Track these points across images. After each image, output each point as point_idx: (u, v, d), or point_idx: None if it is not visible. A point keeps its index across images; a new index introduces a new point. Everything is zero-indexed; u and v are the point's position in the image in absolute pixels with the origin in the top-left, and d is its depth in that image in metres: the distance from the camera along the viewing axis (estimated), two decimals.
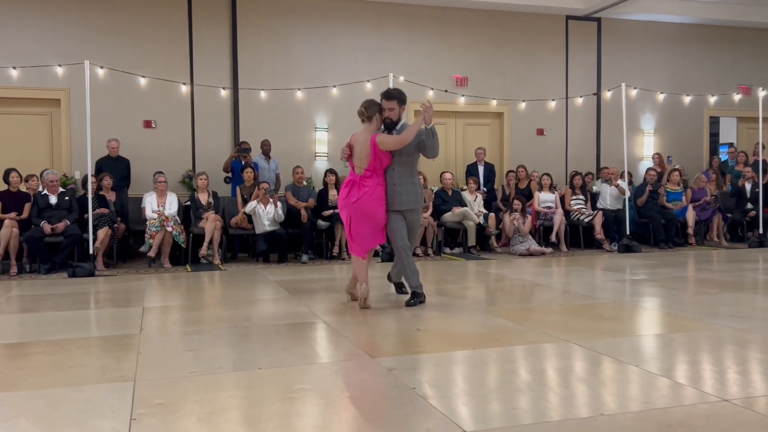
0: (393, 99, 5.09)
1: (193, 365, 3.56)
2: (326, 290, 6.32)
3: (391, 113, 5.07)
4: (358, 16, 10.79)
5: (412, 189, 5.12)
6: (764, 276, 7.12)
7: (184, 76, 10.02)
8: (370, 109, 5.16)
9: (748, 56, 12.75)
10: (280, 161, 9.96)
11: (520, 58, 11.48)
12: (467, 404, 2.88)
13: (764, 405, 2.80)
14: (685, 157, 12.28)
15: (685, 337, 4.10)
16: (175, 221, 8.36)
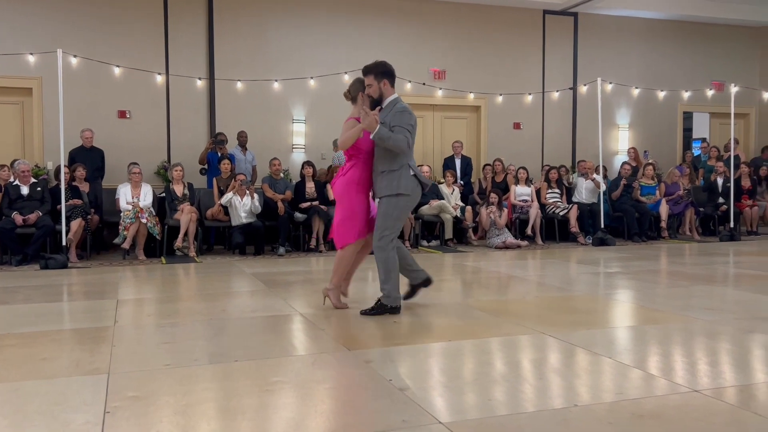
0: (369, 73, 4.59)
1: (168, 358, 3.53)
2: (303, 283, 6.30)
3: (370, 89, 4.59)
4: (337, 8, 10.74)
5: (389, 176, 4.49)
6: (735, 269, 7.26)
7: (159, 65, 9.90)
8: (352, 87, 4.78)
9: (721, 52, 12.95)
10: (256, 153, 9.90)
11: (498, 52, 11.53)
12: (443, 396, 2.90)
13: (733, 395, 2.86)
14: (659, 151, 12.45)
15: (657, 329, 4.17)
16: (150, 213, 8.27)
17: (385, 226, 4.51)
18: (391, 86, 4.59)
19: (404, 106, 4.53)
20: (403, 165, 4.50)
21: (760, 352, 3.62)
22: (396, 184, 4.48)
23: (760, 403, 2.79)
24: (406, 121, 4.42)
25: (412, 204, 4.69)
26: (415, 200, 4.65)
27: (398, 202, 4.51)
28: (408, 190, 4.49)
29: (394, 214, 4.51)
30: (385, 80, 4.56)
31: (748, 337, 3.90)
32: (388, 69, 4.60)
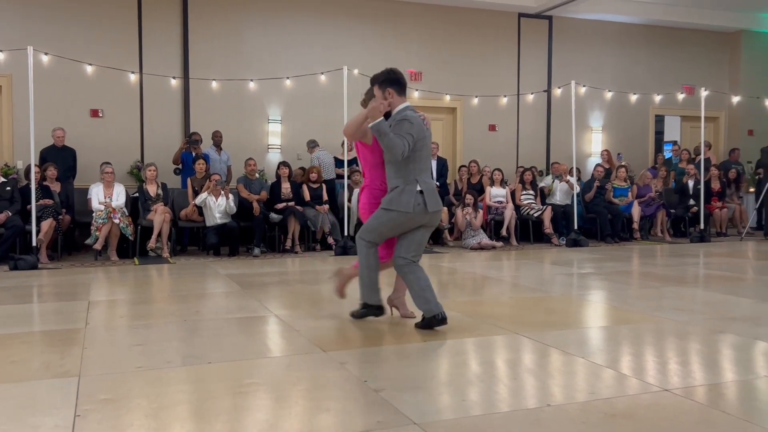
0: (373, 83, 4.25)
1: (141, 360, 3.49)
2: (278, 284, 6.27)
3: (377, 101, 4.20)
4: (313, 9, 10.72)
5: (395, 192, 4.09)
6: (705, 270, 7.38)
7: (132, 64, 9.78)
8: (367, 95, 4.42)
9: (692, 57, 13.17)
10: (231, 153, 9.83)
11: (473, 54, 11.59)
12: (418, 396, 2.90)
13: (703, 394, 2.91)
14: (631, 154, 12.62)
15: (629, 329, 4.22)
16: (123, 213, 8.17)
17: (365, 229, 4.22)
18: (398, 95, 4.15)
19: (407, 114, 4.08)
20: (410, 182, 4.06)
21: (729, 352, 3.69)
22: (396, 200, 4.05)
23: (728, 401, 2.84)
24: (405, 130, 4.00)
25: (407, 222, 4.10)
26: (412, 219, 4.08)
27: (385, 215, 4.10)
28: (405, 206, 4.02)
29: (373, 224, 4.15)
30: (390, 89, 4.14)
31: (718, 338, 3.97)
32: (392, 77, 4.19)
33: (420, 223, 4.13)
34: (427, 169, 4.19)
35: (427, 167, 4.19)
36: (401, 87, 4.19)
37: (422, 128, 4.10)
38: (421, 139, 4.08)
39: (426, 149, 4.16)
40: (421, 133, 4.09)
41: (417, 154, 4.07)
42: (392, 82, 4.17)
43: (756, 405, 2.81)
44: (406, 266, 4.16)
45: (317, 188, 9.35)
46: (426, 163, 4.18)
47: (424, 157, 4.13)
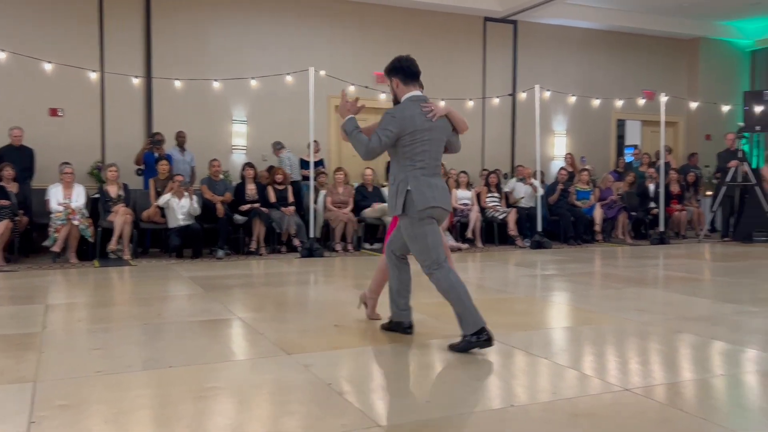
0: (385, 74, 4.00)
1: (100, 364, 3.41)
2: (242, 286, 6.20)
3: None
4: (279, 9, 10.65)
5: (391, 191, 3.88)
6: (664, 271, 7.53)
7: (93, 62, 9.58)
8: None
9: (652, 63, 13.45)
10: (195, 154, 9.70)
11: (439, 57, 11.65)
12: (383, 399, 2.90)
13: (662, 393, 2.96)
14: (594, 157, 12.82)
15: (591, 329, 4.28)
16: (83, 214, 7.99)
17: (391, 239, 3.99)
18: (404, 84, 3.84)
19: (398, 106, 3.82)
20: (402, 179, 3.76)
21: (687, 352, 3.76)
22: (396, 203, 3.78)
23: (686, 400, 2.89)
24: (382, 124, 3.74)
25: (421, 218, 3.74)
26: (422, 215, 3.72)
27: (404, 222, 3.81)
28: (399, 209, 3.76)
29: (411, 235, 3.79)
30: (395, 78, 3.87)
31: (677, 337, 4.06)
32: (396, 65, 3.89)
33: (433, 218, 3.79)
34: (427, 165, 3.76)
35: (429, 164, 3.77)
36: (407, 75, 3.86)
37: (411, 121, 3.71)
38: (411, 133, 3.71)
39: (426, 143, 3.74)
40: (409, 126, 3.71)
41: (408, 149, 3.72)
42: (396, 71, 3.88)
43: (712, 403, 2.87)
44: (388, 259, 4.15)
45: (283, 189, 9.29)
46: (426, 158, 3.75)
47: (419, 152, 3.73)
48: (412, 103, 3.79)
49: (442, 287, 3.75)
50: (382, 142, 3.72)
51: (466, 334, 3.60)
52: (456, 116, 3.92)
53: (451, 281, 3.74)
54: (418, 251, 3.80)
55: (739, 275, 6.90)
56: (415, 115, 3.74)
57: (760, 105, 10.88)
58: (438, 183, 3.81)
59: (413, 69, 3.90)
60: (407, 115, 3.74)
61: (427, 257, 3.78)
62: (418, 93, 3.86)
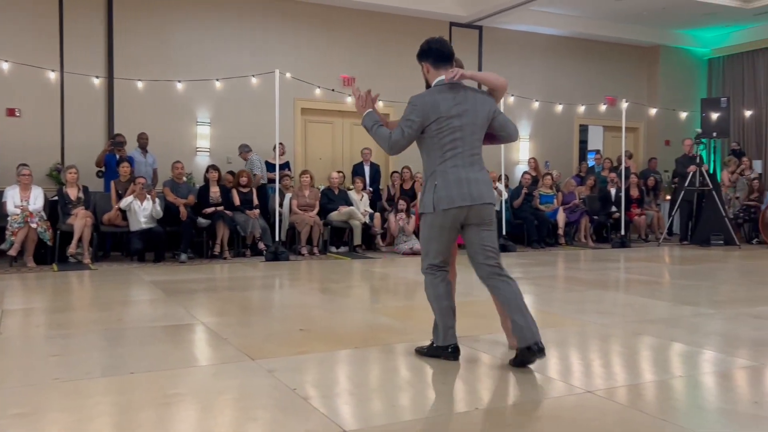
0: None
1: (58, 371, 3.33)
2: (206, 291, 6.12)
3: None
4: (243, 10, 10.56)
5: (424, 188, 3.54)
6: (625, 274, 7.67)
7: (53, 62, 9.38)
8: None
9: (614, 70, 13.70)
10: (158, 156, 9.55)
11: (406, 61, 11.64)
12: (348, 403, 2.89)
13: (624, 395, 3.01)
14: (557, 162, 13.00)
15: (555, 332, 4.33)
16: (41, 217, 7.81)
17: (422, 252, 3.61)
18: (435, 68, 3.50)
19: (420, 94, 3.50)
20: (431, 174, 3.45)
21: (648, 353, 3.84)
22: (421, 200, 3.53)
23: (647, 401, 2.95)
24: (405, 114, 3.43)
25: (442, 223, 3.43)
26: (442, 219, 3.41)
27: (425, 220, 3.51)
28: (427, 206, 3.44)
29: (424, 238, 3.55)
30: (425, 63, 3.54)
31: (637, 339, 4.13)
32: (425, 47, 3.55)
33: (458, 222, 3.43)
34: (459, 156, 3.38)
35: (461, 154, 3.39)
36: (438, 58, 3.50)
37: (434, 108, 3.36)
38: (437, 121, 3.36)
39: (456, 131, 3.37)
40: (432, 113, 3.36)
41: (436, 140, 3.38)
42: (426, 54, 3.53)
43: (672, 404, 2.93)
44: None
45: (247, 192, 9.21)
46: (459, 148, 3.38)
47: (448, 141, 3.37)
48: (437, 88, 3.44)
49: (428, 293, 3.60)
50: (405, 134, 3.39)
51: (435, 343, 3.55)
52: (484, 77, 3.54)
53: (438, 293, 3.54)
54: (422, 246, 3.58)
55: (696, 278, 7.06)
56: (440, 100, 3.37)
57: (716, 112, 11.17)
58: (472, 176, 3.39)
59: (444, 50, 3.51)
60: (429, 101, 3.39)
61: (427, 257, 3.55)
62: (439, 78, 3.50)
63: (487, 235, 3.49)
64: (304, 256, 8.95)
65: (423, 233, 3.56)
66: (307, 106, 11.05)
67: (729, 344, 4.01)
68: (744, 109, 13.57)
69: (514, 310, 3.44)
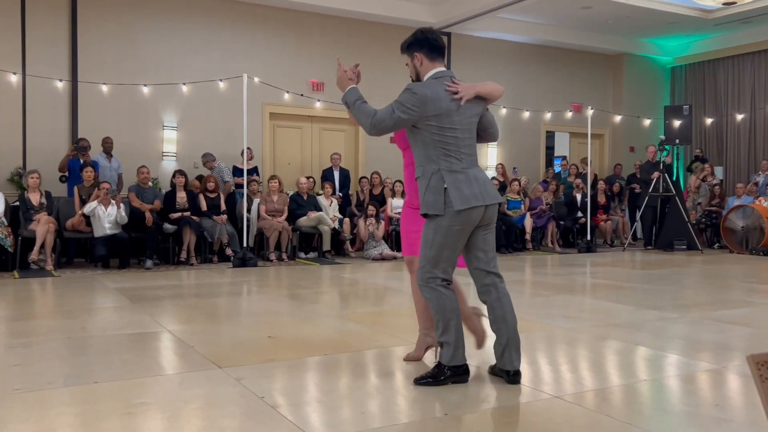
0: (402, 52, 3.46)
1: (19, 381, 3.25)
2: (172, 297, 6.03)
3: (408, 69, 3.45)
4: (211, 14, 10.47)
5: (421, 187, 3.24)
6: (591, 279, 7.78)
7: (14, 64, 9.17)
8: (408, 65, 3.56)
9: (580, 77, 13.92)
10: (123, 160, 9.40)
11: (376, 67, 11.69)
12: (317, 411, 2.87)
13: (591, 399, 3.05)
14: (524, 168, 13.13)
15: (523, 337, 4.34)
16: (1, 223, 7.62)
17: (423, 258, 3.23)
18: (429, 60, 3.30)
19: (423, 83, 3.27)
20: (431, 171, 3.18)
21: (614, 357, 3.89)
22: (422, 200, 3.21)
23: (613, 405, 2.98)
24: (401, 99, 3.18)
25: (453, 226, 3.15)
26: (456, 221, 3.14)
27: (434, 224, 3.18)
28: (435, 208, 3.14)
29: (430, 243, 3.18)
30: (418, 53, 3.32)
31: (603, 343, 4.19)
32: (421, 36, 3.34)
33: (474, 224, 3.21)
34: (461, 153, 3.19)
35: (465, 152, 3.21)
36: (433, 50, 3.31)
37: (435, 102, 3.15)
38: (437, 117, 3.15)
39: (458, 129, 3.19)
40: (433, 108, 3.15)
41: (439, 137, 3.16)
42: (421, 44, 3.32)
43: (638, 408, 2.97)
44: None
45: (215, 198, 9.11)
46: (462, 147, 3.20)
47: (451, 139, 3.17)
48: (436, 81, 3.23)
49: (435, 306, 3.24)
50: (395, 116, 3.14)
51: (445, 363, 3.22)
52: (486, 89, 3.29)
53: (452, 306, 3.26)
54: (427, 256, 3.20)
55: (660, 282, 7.20)
56: (441, 95, 3.17)
57: (679, 119, 11.42)
58: (480, 175, 3.24)
59: (440, 42, 3.33)
60: (431, 93, 3.16)
61: (435, 267, 3.20)
62: (443, 69, 3.30)
63: (491, 237, 3.33)
64: (272, 262, 8.88)
65: (430, 238, 3.17)
66: (275, 110, 10.99)
67: (692, 348, 4.09)
68: (705, 117, 13.90)
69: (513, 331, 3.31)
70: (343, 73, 3.40)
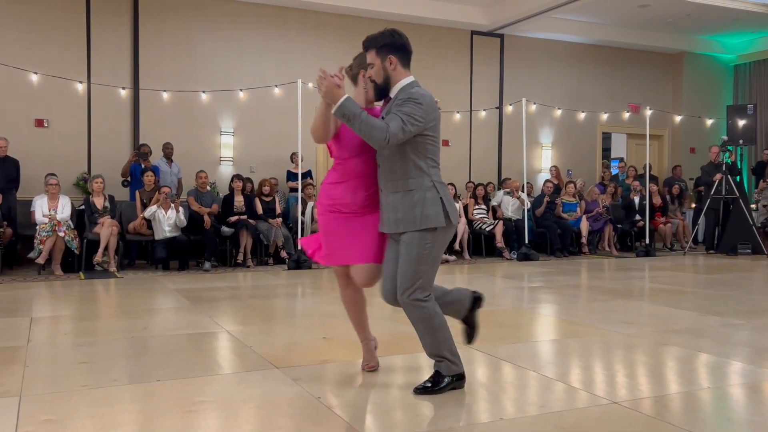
0: (369, 48, 3.19)
1: (86, 378, 3.38)
2: (230, 299, 6.17)
3: (371, 70, 3.18)
4: (267, 21, 10.67)
5: (402, 199, 3.05)
6: (650, 284, 7.58)
7: (80, 73, 9.55)
8: (354, 63, 3.36)
9: (637, 77, 13.60)
10: (182, 165, 9.67)
11: (428, 70, 11.69)
12: (372, 412, 2.89)
13: (649, 406, 2.98)
14: (579, 170, 12.91)
15: (578, 342, 4.30)
16: (68, 226, 7.94)
17: (416, 274, 3.05)
18: (402, 66, 3.12)
19: (415, 92, 3.04)
20: (424, 183, 3.04)
21: (674, 364, 3.79)
22: (420, 214, 3.02)
23: (673, 413, 2.91)
24: (407, 110, 2.95)
25: (448, 239, 3.18)
26: (450, 234, 3.15)
27: (433, 237, 3.05)
28: (438, 221, 3.03)
29: (426, 257, 3.05)
30: (392, 56, 3.10)
31: (663, 350, 4.08)
32: (397, 41, 3.14)
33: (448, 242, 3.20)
34: (437, 165, 3.14)
35: (439, 164, 3.16)
36: (406, 56, 3.16)
37: (435, 110, 3.04)
38: (433, 128, 3.05)
39: (440, 140, 3.14)
40: (433, 119, 3.04)
41: (431, 147, 3.06)
42: (397, 48, 3.12)
43: (699, 416, 2.89)
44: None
45: (270, 201, 9.28)
46: (437, 156, 3.13)
47: (437, 150, 3.10)
48: (422, 89, 3.09)
49: (428, 323, 3.12)
50: (407, 129, 2.93)
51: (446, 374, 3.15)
52: None
53: (443, 321, 3.17)
54: (422, 271, 3.06)
55: (723, 288, 6.96)
56: (433, 102, 3.07)
57: (742, 119, 11.03)
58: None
59: (411, 49, 3.19)
60: (431, 101, 3.04)
61: (426, 283, 3.11)
62: (414, 79, 3.15)
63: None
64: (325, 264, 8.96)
65: (427, 253, 3.04)
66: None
67: (758, 355, 3.94)
68: None
69: None
70: (332, 77, 2.98)
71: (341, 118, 2.94)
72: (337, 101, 2.91)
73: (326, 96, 2.95)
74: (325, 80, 2.95)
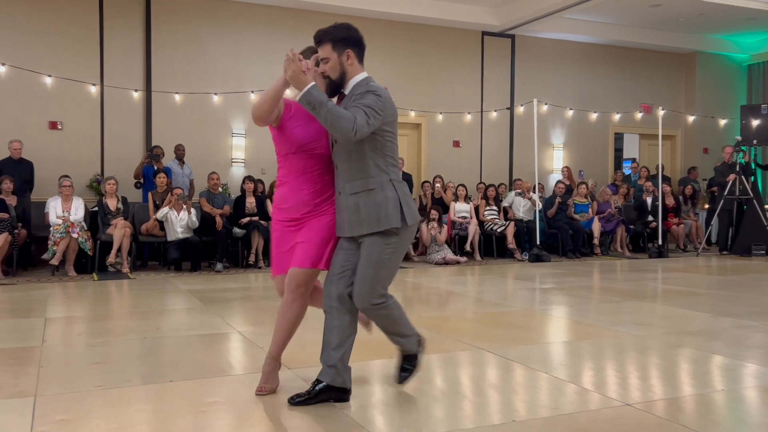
0: (323, 41, 3.00)
1: (99, 379, 3.41)
2: (241, 300, 6.20)
3: (325, 65, 2.98)
4: (276, 23, 10.70)
5: (364, 200, 2.92)
6: (663, 285, 7.54)
7: (93, 76, 9.62)
8: (303, 56, 3.06)
9: (650, 77, 13.52)
10: (194, 167, 9.72)
11: (439, 71, 11.71)
12: (384, 413, 2.89)
13: (662, 408, 2.96)
14: (591, 170, 12.86)
15: (590, 343, 4.28)
16: (81, 227, 8.00)
17: (375, 280, 2.95)
18: (359, 61, 3.02)
19: (377, 85, 2.96)
20: (384, 182, 2.93)
21: (687, 366, 3.76)
22: (384, 214, 2.91)
23: (687, 415, 2.89)
24: (368, 102, 2.83)
25: (409, 242, 3.11)
26: (411, 236, 3.08)
27: (395, 239, 2.95)
28: (395, 221, 2.92)
29: (387, 262, 2.96)
30: (351, 51, 2.97)
31: (676, 351, 4.06)
32: (354, 35, 3.01)
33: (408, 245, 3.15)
34: (398, 164, 3.06)
35: (398, 162, 3.07)
36: (362, 52, 3.06)
37: (392, 105, 2.97)
38: (391, 123, 2.95)
39: (397, 138, 3.04)
40: (393, 114, 2.97)
41: (390, 145, 2.97)
42: (354, 43, 3.00)
43: (713, 418, 2.87)
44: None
45: None
46: (398, 155, 3.05)
47: (394, 149, 3.00)
48: (375, 83, 2.99)
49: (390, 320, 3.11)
50: (371, 122, 2.81)
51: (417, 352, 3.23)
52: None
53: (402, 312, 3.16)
54: (381, 277, 2.96)
55: (737, 289, 6.91)
56: (391, 99, 3.00)
57: (756, 119, 10.94)
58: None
59: (365, 43, 3.08)
60: (388, 97, 2.94)
61: (383, 287, 3.00)
62: (368, 75, 3.04)
63: None
64: None
65: (387, 258, 2.94)
66: None
67: None
68: None
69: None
70: (301, 62, 2.85)
71: (306, 105, 2.78)
72: (302, 88, 2.78)
73: (292, 80, 2.83)
74: (293, 63, 2.81)
